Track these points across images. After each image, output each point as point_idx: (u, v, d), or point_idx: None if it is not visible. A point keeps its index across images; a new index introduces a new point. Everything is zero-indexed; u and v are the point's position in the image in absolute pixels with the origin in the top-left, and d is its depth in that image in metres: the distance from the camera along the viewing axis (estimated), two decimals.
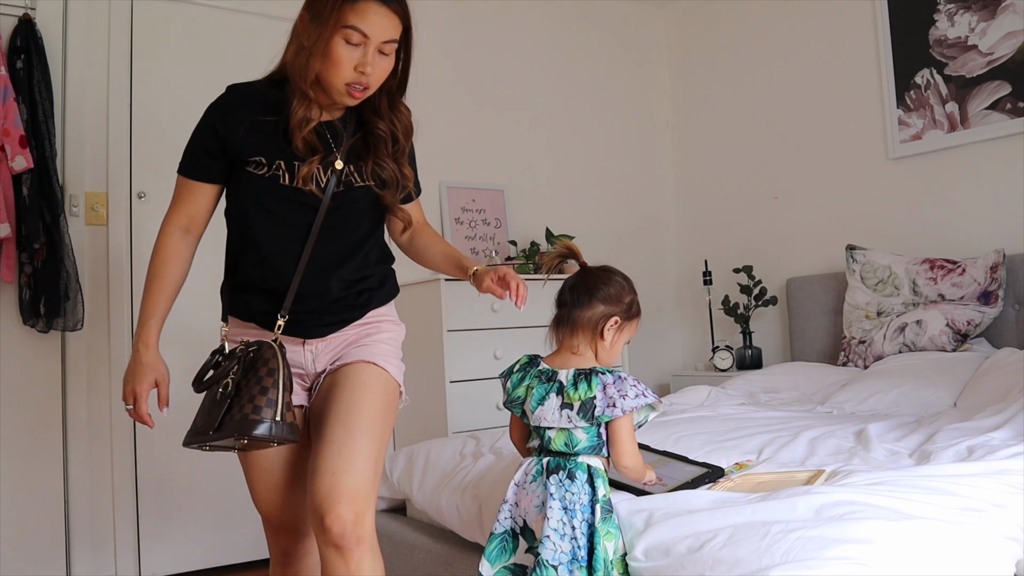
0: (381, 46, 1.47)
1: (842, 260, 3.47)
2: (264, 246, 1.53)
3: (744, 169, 4.11)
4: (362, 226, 1.58)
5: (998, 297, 2.92)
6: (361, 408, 1.45)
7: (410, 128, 1.62)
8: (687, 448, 1.92)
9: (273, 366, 1.40)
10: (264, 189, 1.51)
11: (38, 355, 2.76)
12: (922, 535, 1.26)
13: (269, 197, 1.51)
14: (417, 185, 1.71)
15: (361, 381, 1.49)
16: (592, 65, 4.24)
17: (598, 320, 1.50)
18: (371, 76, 1.47)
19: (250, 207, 1.53)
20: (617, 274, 1.56)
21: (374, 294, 1.61)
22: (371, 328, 1.59)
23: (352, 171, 1.55)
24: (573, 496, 1.38)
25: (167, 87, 3.05)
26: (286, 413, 1.38)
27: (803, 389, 2.99)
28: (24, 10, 2.73)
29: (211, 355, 1.53)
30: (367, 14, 1.43)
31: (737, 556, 1.21)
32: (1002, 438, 1.81)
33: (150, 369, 1.59)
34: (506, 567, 1.44)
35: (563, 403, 1.43)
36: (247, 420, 1.35)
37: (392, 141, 1.58)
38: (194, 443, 1.44)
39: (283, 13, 3.47)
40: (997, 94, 3.13)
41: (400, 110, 1.60)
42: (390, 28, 1.47)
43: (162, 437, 2.95)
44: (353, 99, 1.50)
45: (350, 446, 1.40)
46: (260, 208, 1.52)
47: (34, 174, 2.64)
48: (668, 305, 4.40)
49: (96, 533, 2.80)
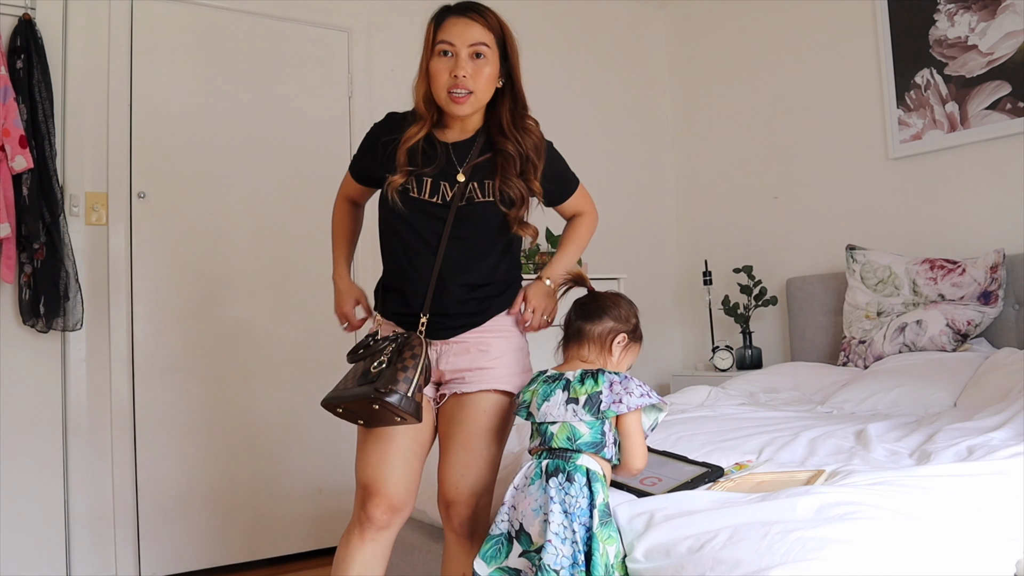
0: (470, 51, 1.62)
1: (842, 260, 3.47)
2: (399, 252, 1.71)
3: (744, 169, 4.11)
4: (487, 238, 1.69)
5: (998, 297, 2.92)
6: (481, 435, 1.65)
7: (540, 144, 1.71)
8: (687, 448, 1.92)
9: (417, 352, 1.58)
10: (400, 200, 1.67)
11: (38, 355, 2.76)
12: (922, 535, 1.26)
13: (404, 207, 1.67)
14: (567, 183, 1.83)
15: (482, 410, 1.66)
16: (592, 65, 4.24)
17: (607, 334, 1.56)
18: (468, 80, 1.61)
19: (390, 215, 1.70)
20: (624, 298, 1.63)
21: (493, 302, 1.72)
22: (494, 340, 1.70)
23: (475, 188, 1.66)
24: (572, 499, 1.39)
25: (167, 87, 3.05)
26: (416, 393, 1.54)
27: (803, 389, 2.99)
28: (24, 10, 2.73)
29: (366, 336, 1.69)
30: (449, 27, 1.63)
31: (737, 556, 1.21)
32: (1002, 438, 1.81)
33: (349, 293, 1.83)
34: (500, 568, 1.45)
35: (569, 398, 1.47)
36: (385, 388, 1.52)
37: (520, 159, 1.67)
38: (332, 401, 1.59)
39: (283, 13, 3.49)
40: (997, 94, 3.12)
41: (526, 127, 1.70)
42: (474, 33, 1.62)
43: (162, 437, 2.96)
44: (457, 105, 1.62)
45: (471, 464, 1.65)
46: (397, 217, 1.68)
47: (34, 174, 2.64)
48: (668, 305, 4.39)
49: (96, 533, 2.80)
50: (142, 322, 2.96)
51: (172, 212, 3.05)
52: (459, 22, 1.63)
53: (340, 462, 3.11)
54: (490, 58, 1.63)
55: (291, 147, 3.29)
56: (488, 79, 1.63)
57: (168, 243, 3.03)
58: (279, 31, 3.32)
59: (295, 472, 3.19)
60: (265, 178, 3.23)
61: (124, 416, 2.89)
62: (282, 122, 3.25)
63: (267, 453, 3.14)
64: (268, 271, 3.17)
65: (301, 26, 3.35)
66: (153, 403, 2.95)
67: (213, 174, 3.14)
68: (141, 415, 2.92)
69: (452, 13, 1.65)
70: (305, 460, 3.20)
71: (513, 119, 1.68)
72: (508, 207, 1.65)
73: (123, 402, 2.89)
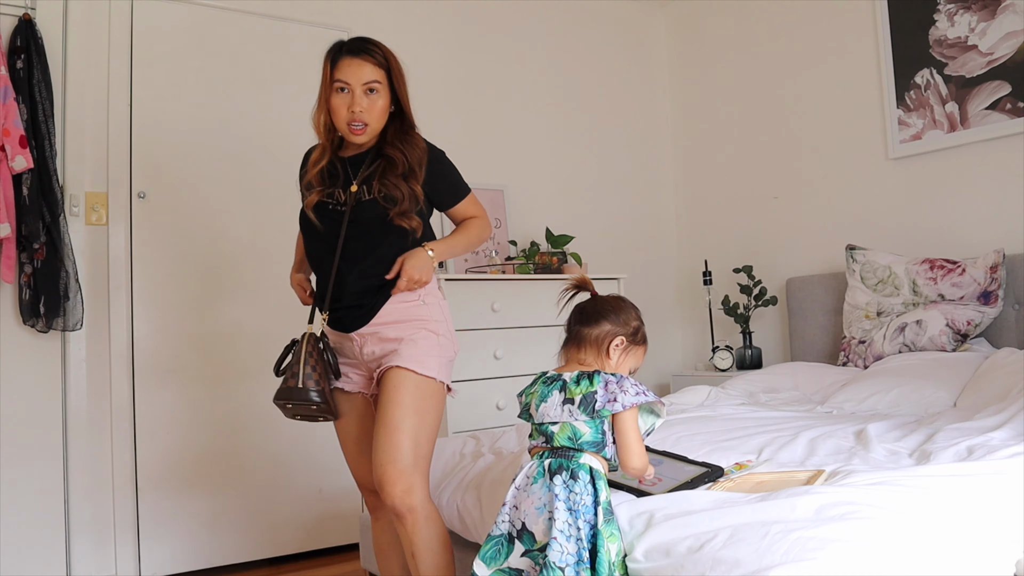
0: (364, 88, 1.85)
1: (842, 260, 3.47)
2: (313, 259, 1.97)
3: (744, 169, 4.11)
4: (378, 231, 1.88)
5: (998, 297, 2.92)
6: (394, 409, 1.78)
7: (424, 155, 1.93)
8: (687, 448, 1.92)
9: (299, 348, 1.87)
10: (313, 214, 1.93)
11: (38, 355, 2.76)
12: (922, 535, 1.26)
13: (317, 219, 1.92)
14: (456, 189, 2.02)
15: (393, 385, 1.80)
16: (592, 65, 4.24)
17: (604, 338, 1.55)
18: (364, 114, 1.85)
19: (305, 229, 1.98)
20: (626, 301, 1.63)
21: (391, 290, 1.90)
22: (404, 325, 1.87)
23: (364, 190, 1.89)
24: (577, 497, 1.39)
25: (167, 87, 3.05)
26: (306, 381, 1.82)
27: (803, 389, 2.99)
28: (24, 10, 2.73)
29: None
30: (344, 66, 1.86)
31: (737, 556, 1.21)
32: (1002, 438, 1.81)
33: (296, 280, 2.09)
34: (500, 570, 1.44)
35: (565, 399, 1.47)
36: (282, 387, 1.87)
37: (404, 165, 1.89)
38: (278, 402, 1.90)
39: (283, 13, 3.49)
40: (997, 94, 3.13)
41: (411, 141, 1.93)
42: (365, 72, 1.85)
43: (162, 437, 2.96)
44: (356, 135, 1.88)
45: (390, 440, 1.76)
46: (310, 228, 1.94)
47: (34, 174, 2.64)
48: (668, 305, 4.40)
49: (96, 533, 2.80)
50: (142, 322, 2.96)
51: (172, 212, 3.05)
52: (353, 62, 1.85)
53: (340, 463, 3.07)
54: (381, 92, 1.88)
55: (291, 147, 3.27)
56: (381, 111, 1.88)
57: (168, 243, 3.03)
58: (279, 31, 3.32)
59: (295, 472, 3.19)
60: (265, 178, 3.22)
61: (124, 416, 2.89)
62: (282, 122, 3.24)
63: (267, 453, 3.14)
64: (268, 271, 3.17)
65: (301, 26, 3.35)
66: (153, 403, 2.95)
67: (213, 174, 3.14)
68: (141, 415, 2.92)
69: (346, 53, 1.86)
70: (305, 460, 3.20)
71: (399, 134, 1.92)
72: (390, 204, 1.86)
73: (123, 402, 2.89)
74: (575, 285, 1.68)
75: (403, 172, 1.89)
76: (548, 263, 3.57)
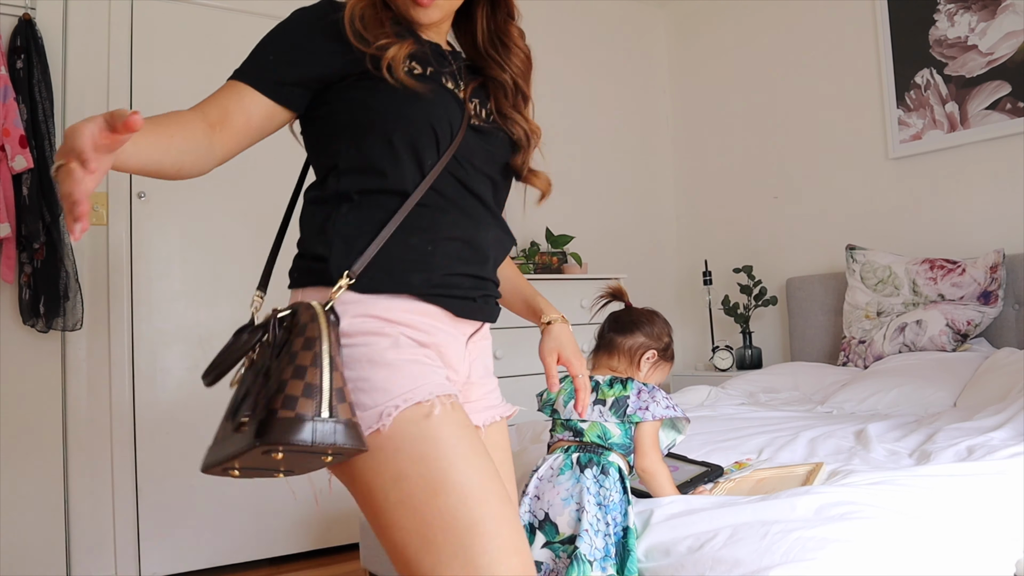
0: None
1: (842, 260, 3.47)
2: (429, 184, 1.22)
3: (744, 169, 4.11)
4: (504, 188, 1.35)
5: (998, 297, 2.92)
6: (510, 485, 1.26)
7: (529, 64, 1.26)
8: (687, 448, 1.92)
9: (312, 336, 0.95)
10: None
11: (38, 355, 2.76)
12: (922, 535, 1.26)
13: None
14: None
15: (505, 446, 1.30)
16: (592, 65, 4.24)
17: (637, 349, 1.57)
18: None
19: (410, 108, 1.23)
20: (660, 316, 1.64)
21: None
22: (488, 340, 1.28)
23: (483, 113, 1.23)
24: (607, 492, 1.40)
25: (167, 87, 3.05)
26: (338, 405, 0.91)
27: (803, 389, 2.99)
28: (24, 10, 2.73)
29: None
30: None
31: (737, 556, 1.21)
32: (1002, 438, 1.81)
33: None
34: None
35: (596, 399, 1.49)
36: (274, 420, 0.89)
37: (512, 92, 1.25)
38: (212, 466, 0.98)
39: (283, 13, 3.47)
40: (997, 94, 3.13)
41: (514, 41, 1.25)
42: None
43: (162, 436, 2.96)
44: (422, 9, 1.18)
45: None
46: (438, 114, 1.21)
47: (34, 174, 2.64)
48: (668, 305, 4.39)
49: (96, 533, 2.80)
50: (142, 322, 2.96)
51: (172, 212, 3.05)
52: None
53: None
54: None
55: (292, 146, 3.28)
56: None
57: (168, 243, 3.03)
58: None
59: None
60: (265, 178, 3.22)
61: (124, 416, 2.89)
62: None
63: None
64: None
65: None
66: (153, 403, 2.95)
67: (213, 174, 3.12)
68: (141, 415, 2.92)
69: None
70: None
71: (497, 30, 1.24)
72: (516, 150, 1.25)
73: (123, 402, 2.89)
74: (610, 293, 1.67)
75: (514, 102, 1.24)
76: (548, 263, 3.56)
